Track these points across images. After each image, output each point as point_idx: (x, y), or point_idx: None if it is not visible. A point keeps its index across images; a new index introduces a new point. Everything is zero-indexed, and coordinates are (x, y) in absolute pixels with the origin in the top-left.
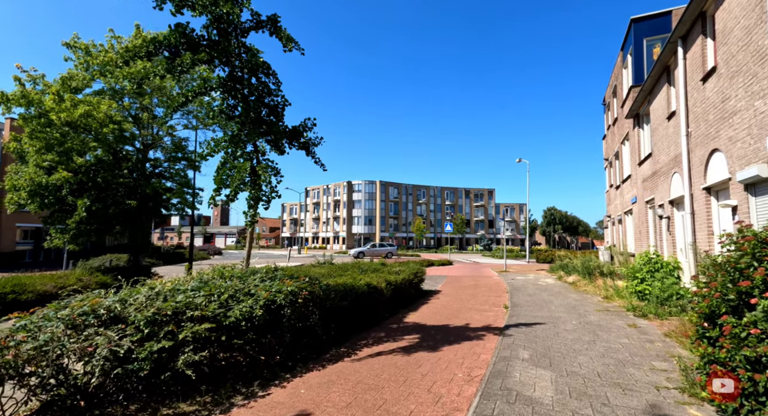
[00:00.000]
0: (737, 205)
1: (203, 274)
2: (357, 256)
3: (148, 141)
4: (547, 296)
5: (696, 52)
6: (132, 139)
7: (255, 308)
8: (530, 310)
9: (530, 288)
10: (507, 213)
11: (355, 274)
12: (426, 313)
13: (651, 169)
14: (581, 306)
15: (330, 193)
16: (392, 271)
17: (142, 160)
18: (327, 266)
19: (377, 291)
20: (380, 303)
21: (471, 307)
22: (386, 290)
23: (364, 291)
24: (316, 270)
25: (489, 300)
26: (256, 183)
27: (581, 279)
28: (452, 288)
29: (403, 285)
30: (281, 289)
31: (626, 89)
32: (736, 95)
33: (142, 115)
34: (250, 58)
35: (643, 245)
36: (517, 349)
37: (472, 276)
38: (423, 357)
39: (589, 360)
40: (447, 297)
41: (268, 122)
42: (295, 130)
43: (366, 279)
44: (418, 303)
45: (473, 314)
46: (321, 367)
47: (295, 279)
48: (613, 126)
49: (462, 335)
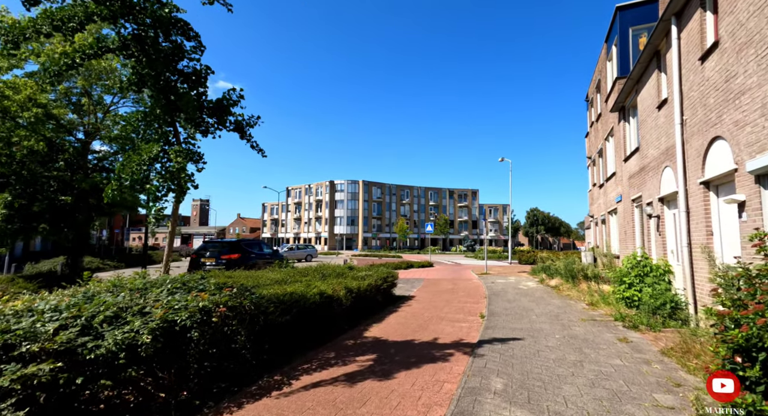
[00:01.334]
0: (746, 200)
1: (116, 282)
2: None
3: (90, 129)
4: (528, 302)
5: (693, 29)
6: (70, 127)
7: (141, 333)
8: (509, 320)
9: (510, 293)
10: (491, 213)
11: (312, 280)
12: (392, 324)
13: (638, 164)
14: (565, 315)
15: (312, 192)
16: (357, 276)
17: (83, 152)
18: (286, 270)
19: (333, 301)
20: (338, 315)
21: (444, 316)
22: (346, 299)
23: (316, 301)
24: (271, 276)
25: (465, 307)
26: (167, 170)
27: (564, 282)
28: (427, 294)
29: (368, 292)
30: (187, 306)
31: (611, 82)
32: (745, 71)
33: (83, 100)
34: (159, 11)
35: (629, 246)
36: (489, 376)
37: (451, 280)
38: (372, 388)
39: (576, 391)
40: (420, 304)
41: (177, 92)
42: (219, 103)
43: (322, 287)
44: (387, 311)
45: (445, 325)
46: (236, 407)
47: (215, 290)
48: (596, 122)
49: (426, 355)
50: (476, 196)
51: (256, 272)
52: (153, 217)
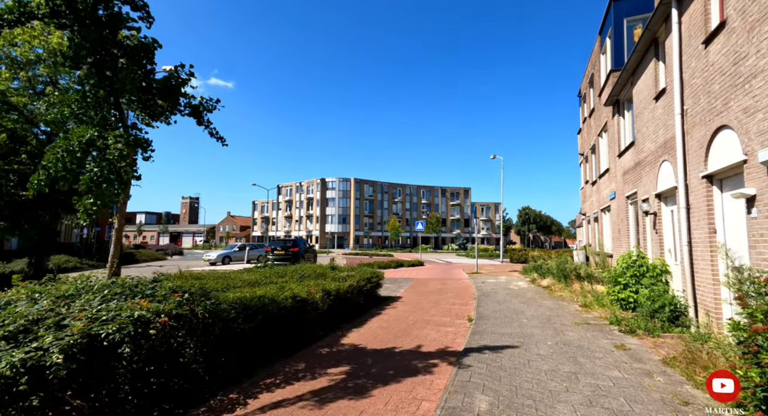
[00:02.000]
0: (756, 194)
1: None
2: (222, 262)
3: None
4: (519, 304)
5: (696, 11)
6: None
7: (51, 352)
8: (498, 324)
9: (501, 294)
10: (483, 212)
11: (289, 282)
12: (373, 329)
13: (633, 159)
14: (557, 318)
15: (303, 190)
16: (338, 277)
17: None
18: (262, 271)
19: (308, 305)
20: (313, 320)
21: (429, 320)
22: (322, 302)
23: (287, 306)
24: (245, 277)
25: (453, 309)
26: (104, 157)
27: (556, 282)
28: (415, 294)
29: (349, 295)
30: (119, 316)
31: (605, 75)
32: (757, 51)
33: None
34: None
35: (623, 245)
36: (474, 393)
37: (441, 279)
38: (339, 410)
39: (570, 412)
40: (405, 306)
41: (116, 68)
42: (166, 82)
43: (296, 289)
44: (369, 314)
45: (429, 330)
46: None
47: (161, 297)
48: (589, 118)
49: (406, 366)
50: (468, 195)
51: (228, 273)
52: (83, 213)
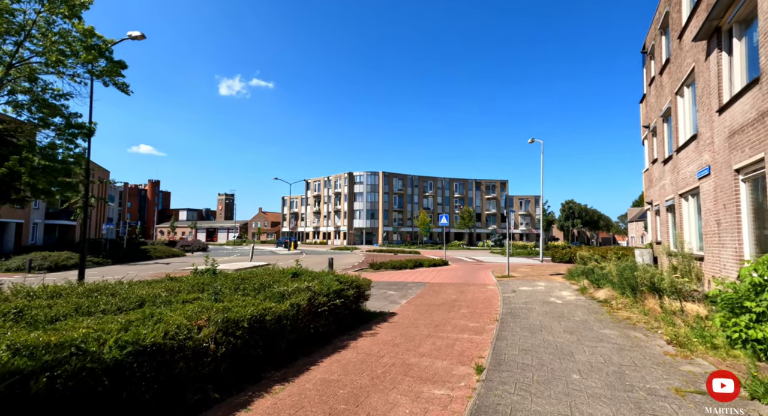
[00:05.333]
0: None
1: None
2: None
3: None
4: (564, 334)
5: None
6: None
7: None
8: (525, 387)
9: (536, 313)
10: (522, 205)
11: (189, 304)
12: (305, 390)
13: (755, 108)
14: (636, 373)
15: (331, 185)
16: (285, 292)
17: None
18: (188, 279)
19: (175, 353)
20: (192, 377)
21: (413, 365)
22: (215, 343)
23: (106, 364)
24: (145, 292)
25: (458, 342)
26: None
27: (618, 295)
28: (415, 310)
29: (286, 322)
30: None
31: (692, 2)
32: None
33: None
34: None
35: (726, 244)
36: None
37: (460, 285)
38: None
39: None
40: (391, 332)
41: None
42: None
43: (171, 319)
44: (327, 349)
45: (401, 395)
46: None
47: None
48: (660, 75)
49: None
50: (505, 187)
51: (182, 278)
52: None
